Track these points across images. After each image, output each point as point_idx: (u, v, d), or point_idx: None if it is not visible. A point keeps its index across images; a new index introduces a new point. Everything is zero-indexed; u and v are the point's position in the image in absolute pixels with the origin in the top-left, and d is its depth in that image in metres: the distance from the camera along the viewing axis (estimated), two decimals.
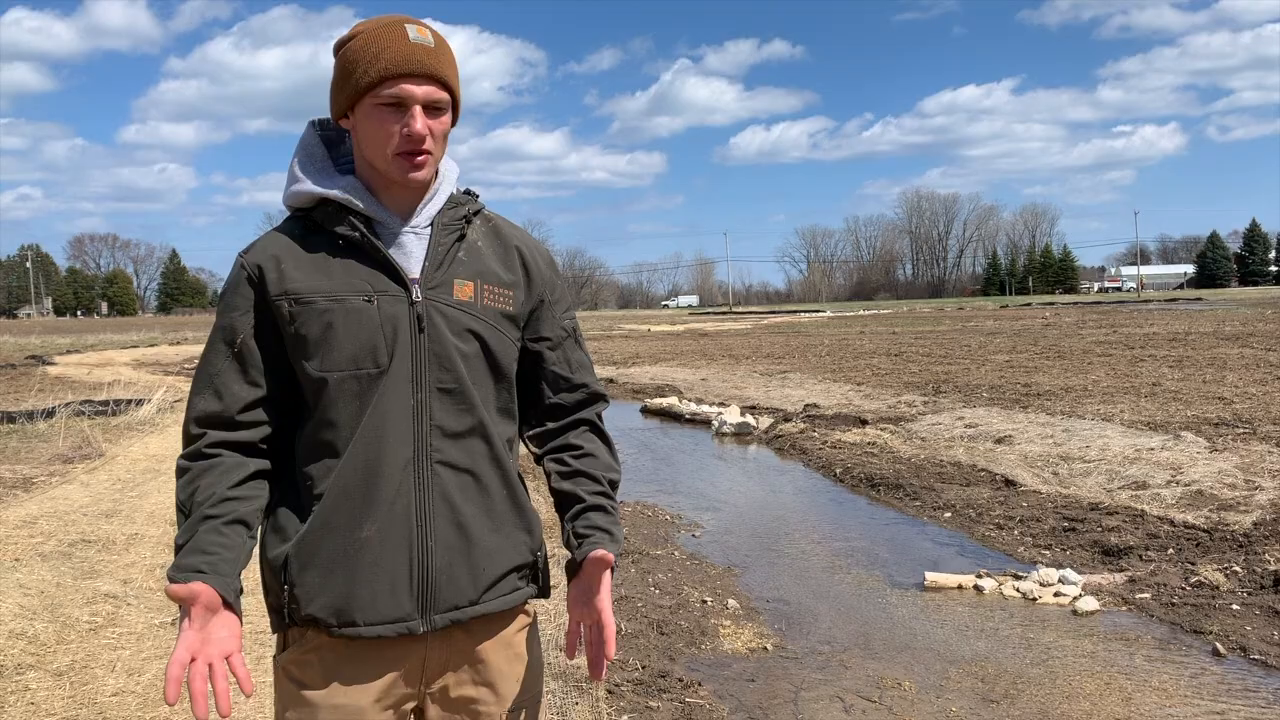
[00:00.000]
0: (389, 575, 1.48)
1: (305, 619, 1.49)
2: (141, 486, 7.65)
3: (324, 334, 1.48)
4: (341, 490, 1.48)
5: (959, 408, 11.68)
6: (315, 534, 1.48)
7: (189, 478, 1.48)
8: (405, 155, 1.49)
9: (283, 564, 1.49)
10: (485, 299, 1.56)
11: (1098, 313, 43.45)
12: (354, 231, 1.51)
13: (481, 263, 1.58)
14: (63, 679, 3.77)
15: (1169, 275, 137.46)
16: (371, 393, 1.48)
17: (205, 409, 1.51)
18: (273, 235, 1.56)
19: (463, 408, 1.52)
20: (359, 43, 1.50)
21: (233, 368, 1.51)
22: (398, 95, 1.46)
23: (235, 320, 1.51)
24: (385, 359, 1.48)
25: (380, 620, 1.48)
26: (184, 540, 1.44)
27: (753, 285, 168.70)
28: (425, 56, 1.48)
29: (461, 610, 1.52)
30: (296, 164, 1.57)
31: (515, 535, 1.58)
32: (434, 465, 1.50)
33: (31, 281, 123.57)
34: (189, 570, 1.40)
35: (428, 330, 1.50)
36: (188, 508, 1.46)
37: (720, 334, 37.14)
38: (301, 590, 1.48)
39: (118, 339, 41.46)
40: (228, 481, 1.47)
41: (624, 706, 3.73)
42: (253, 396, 1.51)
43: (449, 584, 1.51)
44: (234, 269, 1.55)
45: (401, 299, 1.50)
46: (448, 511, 1.51)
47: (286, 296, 1.49)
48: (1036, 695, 3.93)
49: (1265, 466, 7.34)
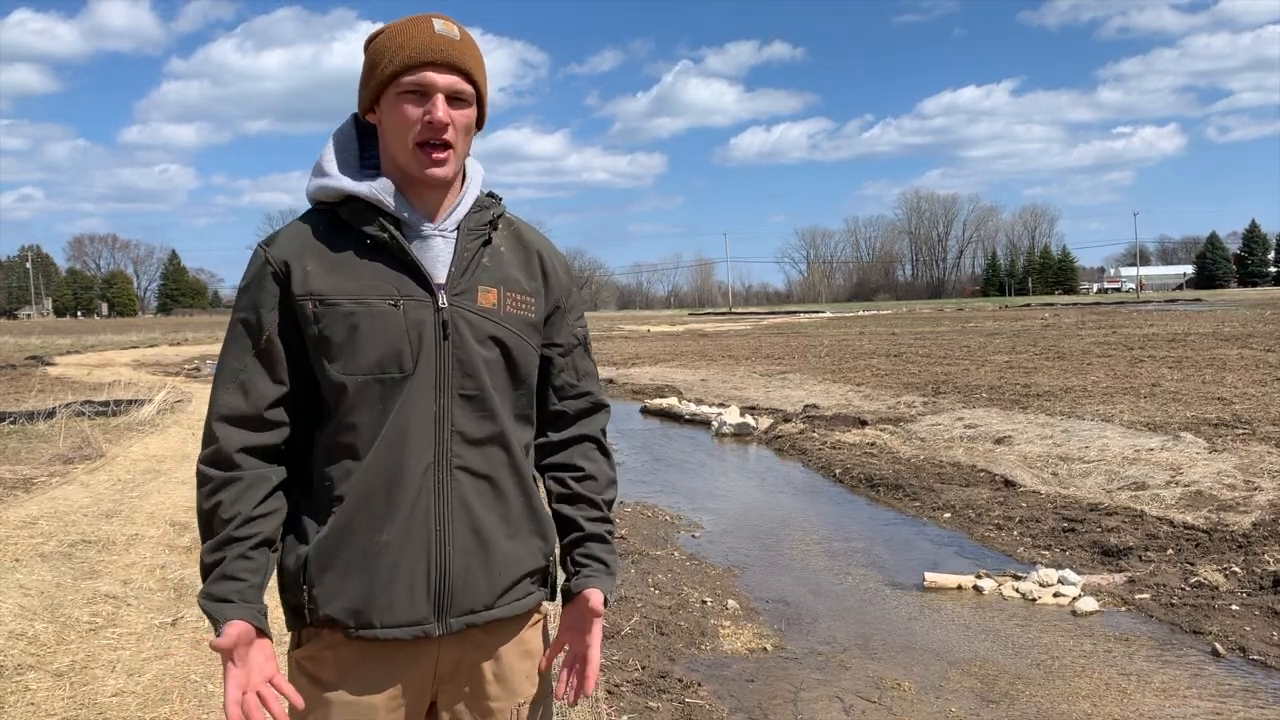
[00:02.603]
0: (407, 579, 1.49)
1: (323, 619, 1.50)
2: (142, 487, 7.65)
3: (348, 337, 1.47)
4: (362, 494, 1.48)
5: (958, 408, 11.68)
6: (335, 536, 1.48)
7: (212, 488, 1.48)
8: (426, 147, 1.49)
9: (303, 565, 1.50)
10: (509, 306, 1.56)
11: (1097, 313, 43.45)
12: (383, 233, 1.50)
13: (505, 269, 1.58)
14: (63, 679, 3.77)
15: (1168, 276, 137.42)
16: (394, 398, 1.48)
17: (231, 406, 1.49)
18: (298, 228, 1.54)
19: (483, 414, 1.53)
20: (385, 35, 1.51)
21: (258, 365, 1.50)
22: (419, 83, 1.47)
23: (262, 316, 1.49)
24: (410, 364, 1.48)
25: (397, 623, 1.49)
26: (211, 562, 1.45)
27: (752, 286, 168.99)
28: (449, 47, 1.49)
29: (477, 614, 1.54)
30: (327, 157, 1.55)
31: (530, 541, 1.59)
32: (454, 471, 1.51)
33: (32, 282, 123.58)
34: (220, 600, 1.43)
35: (452, 337, 1.51)
36: (213, 524, 1.47)
37: (720, 335, 37.14)
38: (320, 591, 1.49)
39: (118, 339, 41.46)
40: (253, 499, 1.47)
41: (624, 706, 3.73)
42: (278, 394, 1.50)
43: (465, 588, 1.52)
44: (257, 262, 1.51)
45: (427, 304, 1.50)
46: (466, 517, 1.52)
47: (311, 297, 1.47)
48: (1036, 695, 3.93)
49: (1264, 467, 7.34)
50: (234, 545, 1.45)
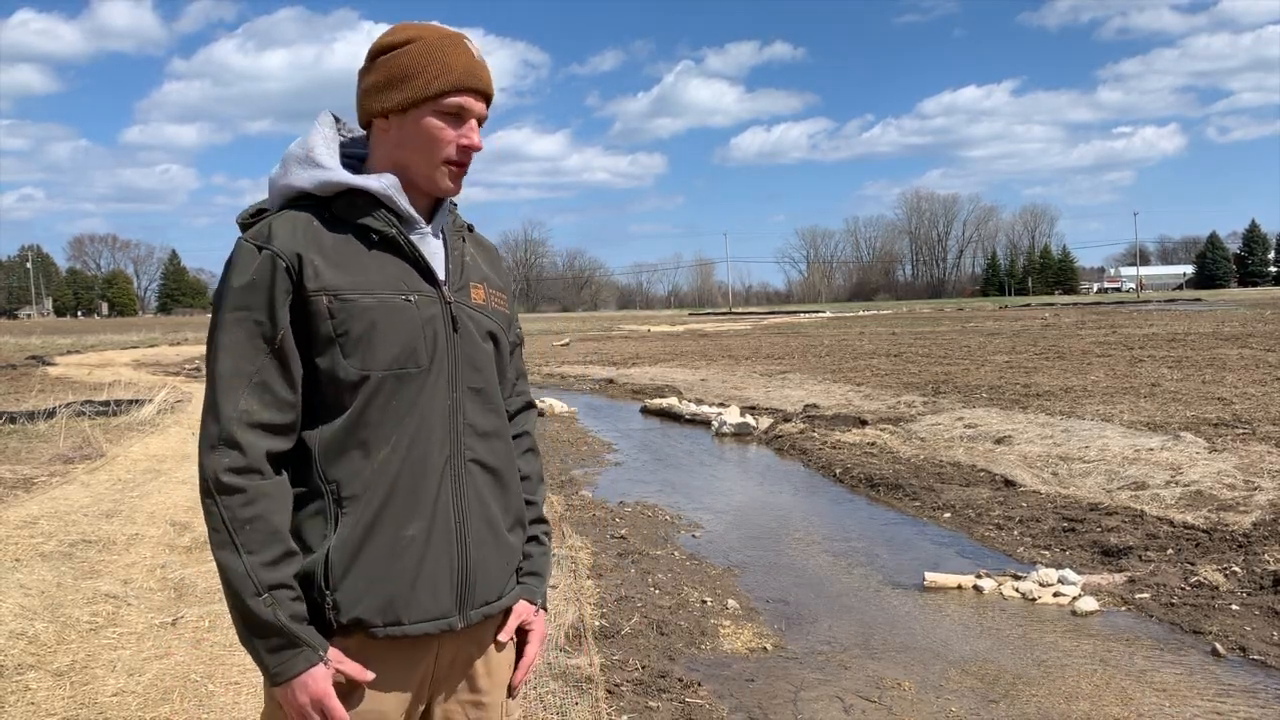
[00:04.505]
0: (432, 573, 1.50)
1: (350, 623, 1.45)
2: (142, 487, 7.65)
3: (367, 332, 1.45)
4: (385, 490, 1.47)
5: (958, 408, 11.68)
6: (355, 537, 1.45)
7: (241, 502, 1.40)
8: (453, 165, 1.54)
9: (321, 570, 1.44)
10: (493, 303, 1.64)
11: (1097, 313, 43.45)
12: (390, 228, 1.50)
13: (482, 268, 1.66)
14: (63, 679, 3.77)
15: (1168, 276, 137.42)
16: (412, 392, 1.49)
17: (250, 412, 1.41)
18: (291, 222, 1.47)
19: (490, 407, 1.59)
20: (420, 49, 1.50)
21: (273, 365, 1.43)
22: (461, 106, 1.51)
23: (277, 313, 1.43)
24: (425, 359, 1.50)
25: (425, 618, 1.49)
26: (268, 619, 1.38)
27: (752, 286, 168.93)
28: (486, 76, 1.55)
29: (491, 605, 1.58)
30: (318, 150, 1.52)
31: (519, 531, 1.68)
32: (468, 464, 1.54)
33: (32, 282, 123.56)
34: (291, 670, 1.39)
35: (461, 331, 1.54)
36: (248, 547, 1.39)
37: (720, 335, 37.14)
38: (344, 595, 1.44)
39: (118, 339, 41.45)
40: (283, 521, 1.42)
41: (624, 706, 3.74)
42: (292, 397, 1.45)
43: (483, 580, 1.56)
44: (260, 259, 1.44)
45: (435, 299, 1.53)
46: (480, 509, 1.55)
47: (325, 292, 1.44)
48: (1036, 695, 3.93)
49: (1264, 467, 7.34)
50: (283, 594, 1.39)
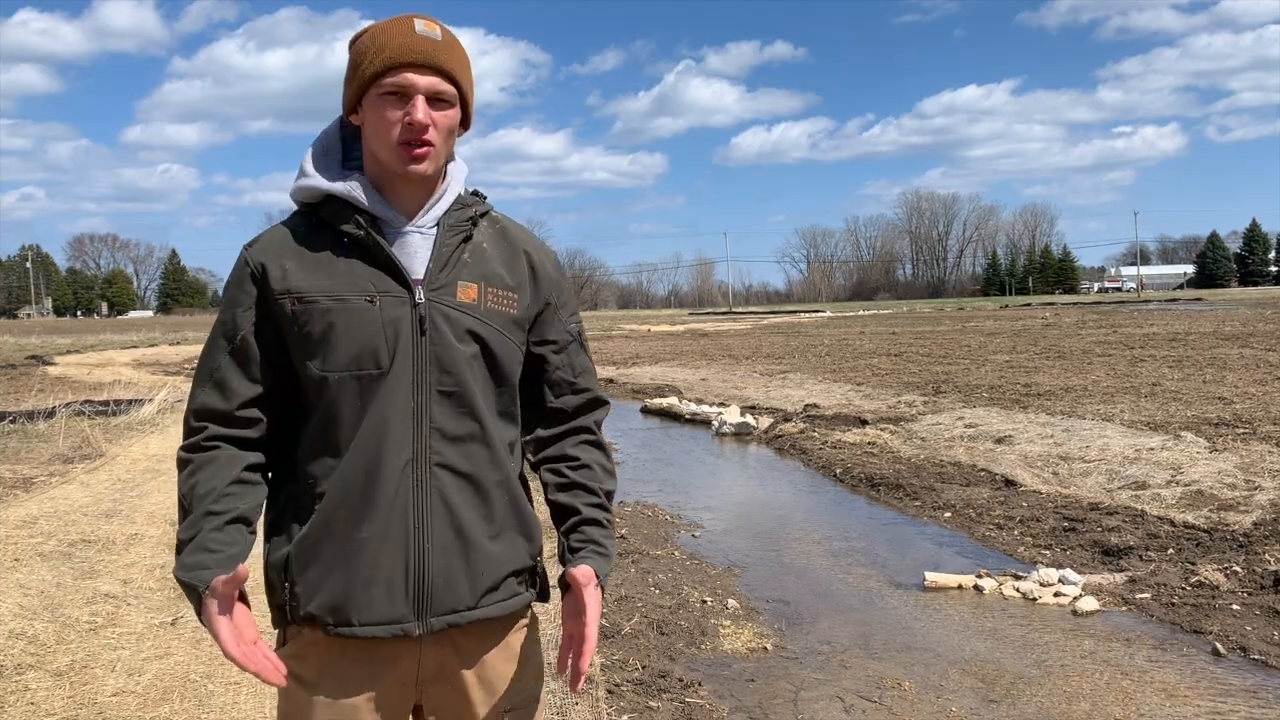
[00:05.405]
0: (386, 577, 1.48)
1: (305, 617, 1.50)
2: (142, 486, 7.65)
3: (326, 334, 1.48)
4: (341, 490, 1.48)
5: (959, 408, 11.68)
6: (316, 533, 1.49)
7: (189, 470, 1.50)
8: (406, 145, 1.49)
9: (284, 562, 1.50)
10: (489, 302, 1.56)
11: (1097, 313, 43.44)
12: (359, 230, 1.50)
13: (486, 265, 1.58)
14: (63, 679, 3.77)
15: (1169, 275, 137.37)
16: (371, 394, 1.48)
17: (205, 403, 1.52)
18: (278, 230, 1.57)
19: (463, 411, 1.52)
20: (367, 36, 1.52)
21: (232, 364, 1.52)
22: (400, 84, 1.48)
23: (237, 316, 1.52)
24: (386, 360, 1.48)
25: (376, 621, 1.48)
26: (187, 537, 1.45)
27: (753, 285, 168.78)
28: (429, 47, 1.49)
29: (459, 614, 1.52)
30: (308, 158, 1.58)
31: (514, 540, 1.58)
32: (433, 468, 1.50)
33: (32, 282, 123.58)
34: (196, 568, 1.42)
35: (429, 333, 1.50)
36: (189, 501, 1.48)
37: (720, 334, 37.14)
38: (302, 589, 1.49)
39: (118, 339, 41.46)
40: (227, 476, 1.49)
41: (624, 706, 3.73)
42: (252, 393, 1.52)
43: (446, 587, 1.51)
44: (238, 263, 1.55)
45: (404, 300, 1.50)
46: (446, 514, 1.51)
47: (289, 295, 1.49)
48: (1036, 695, 3.93)
49: (1265, 466, 7.34)
50: (210, 519, 1.45)
